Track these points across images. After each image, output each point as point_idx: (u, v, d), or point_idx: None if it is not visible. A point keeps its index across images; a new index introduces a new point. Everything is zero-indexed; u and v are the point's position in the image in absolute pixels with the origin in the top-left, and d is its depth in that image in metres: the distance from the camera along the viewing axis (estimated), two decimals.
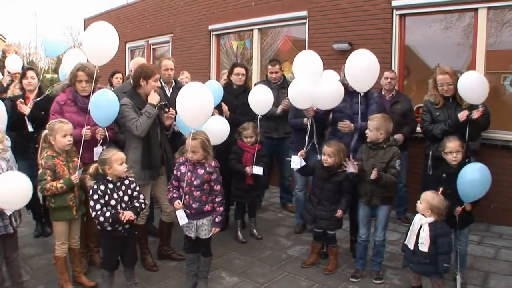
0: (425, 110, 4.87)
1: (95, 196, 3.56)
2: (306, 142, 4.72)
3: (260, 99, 5.11)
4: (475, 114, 4.30)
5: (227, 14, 8.99)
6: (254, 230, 5.43)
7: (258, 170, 5.00)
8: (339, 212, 4.35)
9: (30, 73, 5.17)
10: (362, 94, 4.61)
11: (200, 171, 3.86)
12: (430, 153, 4.79)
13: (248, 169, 5.01)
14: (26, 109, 4.88)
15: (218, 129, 4.53)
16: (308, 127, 4.73)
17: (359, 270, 4.34)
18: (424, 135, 4.98)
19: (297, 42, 8.11)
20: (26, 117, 4.88)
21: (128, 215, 3.59)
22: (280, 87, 5.99)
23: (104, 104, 4.07)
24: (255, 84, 6.68)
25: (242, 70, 5.68)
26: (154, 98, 4.24)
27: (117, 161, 3.63)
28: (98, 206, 3.54)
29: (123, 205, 3.69)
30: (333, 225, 4.43)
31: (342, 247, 4.98)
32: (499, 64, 6.08)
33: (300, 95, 4.56)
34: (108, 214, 3.53)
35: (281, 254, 4.96)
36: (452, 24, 6.31)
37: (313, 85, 4.49)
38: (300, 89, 4.55)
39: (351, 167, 4.14)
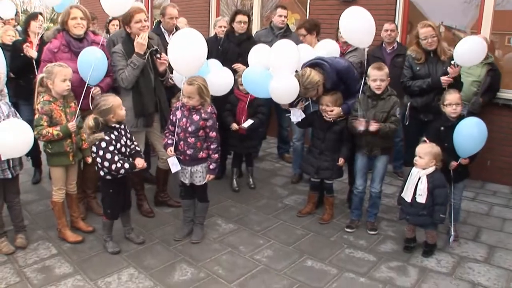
0: (406, 65, 4.88)
1: (111, 148, 3.53)
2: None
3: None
4: (451, 73, 4.43)
5: None
6: (250, 179, 5.43)
7: (247, 123, 4.94)
8: (341, 161, 4.34)
9: (40, 17, 5.14)
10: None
11: (196, 117, 3.80)
12: (409, 104, 4.88)
13: (234, 125, 4.99)
14: (33, 52, 4.79)
15: (221, 81, 4.42)
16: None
17: (354, 221, 4.39)
18: (403, 90, 4.96)
19: None
20: (34, 61, 4.77)
21: (141, 163, 3.68)
22: (283, 35, 5.79)
23: (93, 63, 3.89)
24: (256, 32, 6.59)
25: (245, 18, 5.52)
26: (140, 47, 4.07)
27: (119, 107, 3.60)
28: (116, 158, 3.54)
29: (128, 150, 3.74)
30: (336, 174, 4.44)
31: (338, 198, 5.03)
32: (505, 24, 5.95)
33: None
34: (127, 165, 3.56)
35: (277, 203, 5.00)
36: None
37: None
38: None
39: (361, 125, 4.02)
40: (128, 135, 3.78)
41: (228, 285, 3.40)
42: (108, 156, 3.50)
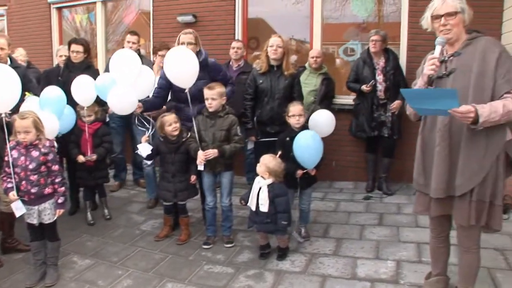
0: (249, 82, 5.01)
1: None
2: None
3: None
4: None
5: None
6: (105, 210, 5.31)
7: (90, 157, 4.92)
8: (193, 178, 4.46)
9: None
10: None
11: (35, 153, 3.66)
12: (255, 118, 5.02)
13: (80, 157, 4.92)
14: None
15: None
16: None
17: (210, 237, 4.50)
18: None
19: (145, 15, 7.90)
20: None
21: None
22: None
23: None
24: (109, 59, 6.50)
25: (78, 47, 5.34)
26: None
27: None
28: None
29: None
30: (192, 193, 4.57)
31: (194, 216, 5.13)
32: (336, 36, 6.64)
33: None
34: None
35: (134, 230, 4.95)
36: None
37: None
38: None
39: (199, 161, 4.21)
40: None
41: None
42: None
